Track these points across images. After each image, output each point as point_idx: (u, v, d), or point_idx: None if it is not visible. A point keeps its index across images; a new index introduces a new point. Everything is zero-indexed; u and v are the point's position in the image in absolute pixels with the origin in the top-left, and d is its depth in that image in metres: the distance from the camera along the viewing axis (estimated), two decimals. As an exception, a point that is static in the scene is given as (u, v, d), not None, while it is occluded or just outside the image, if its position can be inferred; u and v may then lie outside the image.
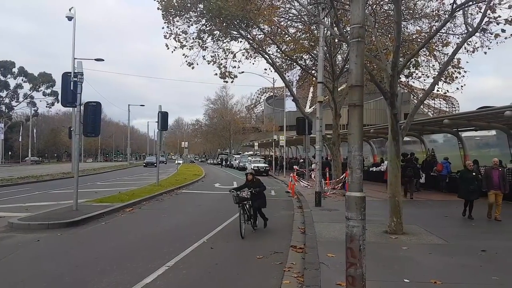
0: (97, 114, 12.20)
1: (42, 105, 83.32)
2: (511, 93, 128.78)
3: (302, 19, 18.26)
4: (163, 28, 16.66)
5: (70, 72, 11.76)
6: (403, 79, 18.25)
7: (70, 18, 24.37)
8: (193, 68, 17.45)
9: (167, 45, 16.72)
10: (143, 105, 60.19)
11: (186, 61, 17.44)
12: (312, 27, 17.75)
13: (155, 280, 5.75)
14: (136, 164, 69.57)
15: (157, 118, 20.58)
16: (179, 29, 16.74)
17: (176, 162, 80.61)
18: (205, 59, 17.64)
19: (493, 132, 19.97)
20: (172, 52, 16.94)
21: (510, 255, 7.12)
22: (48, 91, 79.41)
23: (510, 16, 8.53)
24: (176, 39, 16.68)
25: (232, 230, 9.62)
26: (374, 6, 14.35)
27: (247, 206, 9.16)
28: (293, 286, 5.48)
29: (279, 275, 5.97)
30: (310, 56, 19.84)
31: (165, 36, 16.71)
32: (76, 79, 11.51)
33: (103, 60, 30.23)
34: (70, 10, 24.12)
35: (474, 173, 10.95)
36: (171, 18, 16.40)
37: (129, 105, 57.48)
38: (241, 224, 8.65)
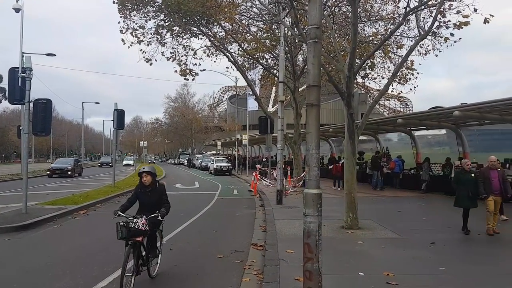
0: (48, 112, 11.58)
1: (-12, 102, 77.98)
2: (461, 94, 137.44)
3: (264, 18, 18.40)
4: (119, 22, 16.15)
5: (18, 68, 11.10)
6: (359, 80, 18.88)
7: (17, 10, 22.85)
8: (151, 64, 17.07)
9: (123, 40, 16.23)
10: (98, 103, 58.63)
11: (144, 57, 17.03)
12: (273, 27, 17.93)
13: (111, 284, 5.56)
14: (91, 164, 66.56)
15: (113, 116, 19.85)
16: (136, 24, 16.32)
17: (124, 163, 63.16)
18: (164, 55, 17.31)
19: (443, 131, 21.16)
20: (129, 47, 16.49)
21: (456, 247, 7.60)
22: (-5, 87, 74.47)
23: (458, 21, 9.04)
24: (133, 34, 16.23)
25: (193, 231, 9.53)
26: (333, 7, 14.73)
27: (144, 246, 5.41)
28: (252, 283, 5.51)
29: (239, 273, 5.97)
30: (272, 56, 20.04)
31: (121, 31, 16.21)
32: (24, 74, 10.88)
33: (55, 55, 28.63)
34: (17, 1, 22.66)
35: (473, 175, 8.81)
36: (127, 12, 15.92)
37: (83, 102, 54.82)
38: (124, 277, 4.83)
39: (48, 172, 30.03)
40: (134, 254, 5.15)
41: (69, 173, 29.64)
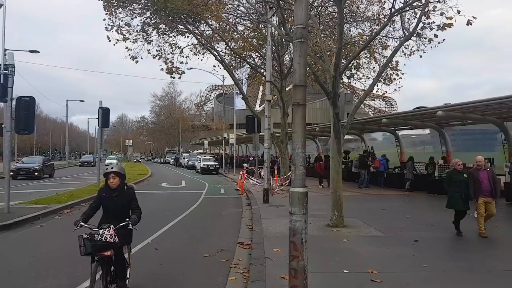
0: (31, 109, 11.36)
1: (-32, 99, 75.80)
2: (444, 94, 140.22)
3: (251, 17, 18.39)
4: (104, 19, 15.94)
5: (0, 64, 10.87)
6: (345, 80, 19.05)
7: None
8: (137, 62, 16.91)
9: (108, 38, 16.04)
10: (83, 101, 57.33)
11: (130, 54, 16.85)
12: (260, 26, 17.94)
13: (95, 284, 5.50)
14: (76, 163, 64.99)
15: (98, 114, 19.54)
16: (122, 21, 16.13)
17: (107, 162, 54.68)
18: (150, 53, 17.16)
19: (427, 131, 21.50)
20: (114, 45, 16.27)
21: (439, 244, 7.73)
22: (-24, 84, 72.54)
23: (442, 23, 9.21)
24: (119, 31, 16.04)
25: (179, 230, 9.48)
26: (319, 8, 14.82)
27: (113, 260, 4.60)
28: (238, 282, 5.52)
29: (225, 272, 5.97)
30: (259, 55, 20.05)
31: (106, 28, 16.00)
32: (6, 71, 10.65)
33: (39, 52, 28.14)
34: (-1, -4, 22.12)
35: (465, 175, 8.35)
36: (113, 9, 15.72)
37: (67, 100, 53.31)
38: None
39: (11, 173, 25.03)
40: (103, 271, 4.42)
41: (36, 174, 25.67)
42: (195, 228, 9.67)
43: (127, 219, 4.56)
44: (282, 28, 10.91)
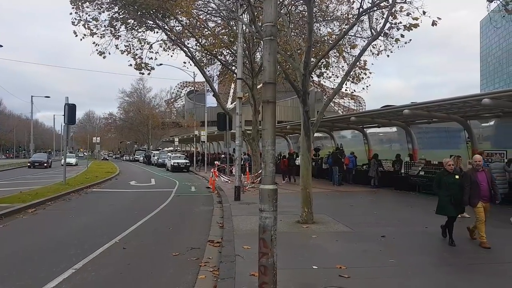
0: (-10, 105, 10.80)
1: None
2: (411, 92, 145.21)
3: (221, 14, 18.25)
4: (71, 13, 15.34)
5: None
6: (315, 78, 19.30)
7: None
8: (104, 57, 16.37)
9: (75, 32, 15.44)
10: (49, 97, 55.11)
11: (97, 50, 16.29)
12: (231, 23, 17.84)
13: (60, 284, 5.33)
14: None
15: (64, 111, 18.83)
16: (89, 15, 15.55)
17: (63, 162, 32.73)
18: (118, 48, 16.65)
19: (394, 129, 22.12)
20: (81, 39, 15.68)
21: (405, 240, 7.93)
22: None
23: (408, 23, 9.50)
24: (86, 26, 15.47)
25: (147, 229, 9.31)
26: (290, 6, 14.93)
27: None
28: (208, 281, 5.49)
29: (195, 271, 5.92)
30: (230, 52, 19.95)
31: (73, 23, 15.39)
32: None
33: (2, 46, 26.88)
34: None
35: (457, 176, 7.60)
36: (80, 3, 15.16)
37: (32, 96, 51.42)
38: None
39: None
40: None
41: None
42: (164, 227, 9.52)
43: None
44: (253, 26, 10.89)
